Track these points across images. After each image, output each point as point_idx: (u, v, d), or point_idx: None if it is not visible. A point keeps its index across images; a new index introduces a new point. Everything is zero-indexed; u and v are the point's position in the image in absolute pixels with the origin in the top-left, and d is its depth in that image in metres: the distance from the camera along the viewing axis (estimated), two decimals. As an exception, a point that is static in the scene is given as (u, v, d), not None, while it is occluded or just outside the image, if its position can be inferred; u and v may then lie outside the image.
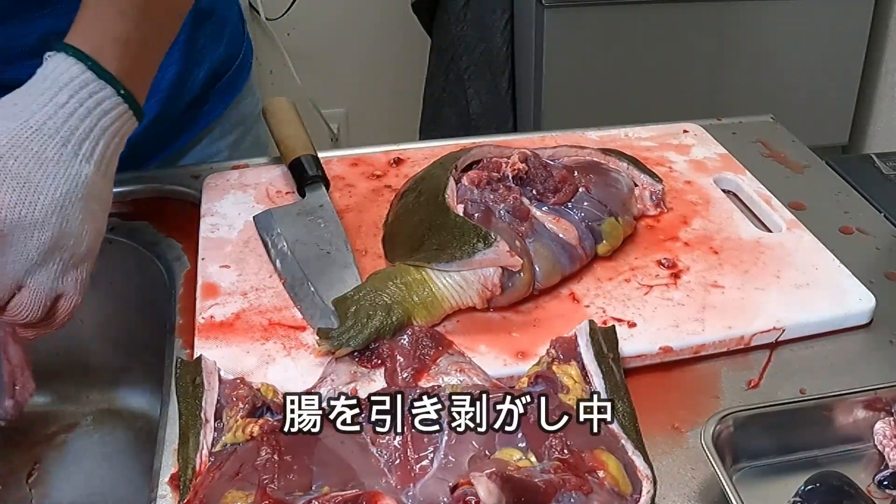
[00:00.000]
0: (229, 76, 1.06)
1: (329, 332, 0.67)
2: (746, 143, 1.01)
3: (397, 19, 2.33)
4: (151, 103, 0.97)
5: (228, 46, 1.05)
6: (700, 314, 0.73)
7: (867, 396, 0.63)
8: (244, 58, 1.09)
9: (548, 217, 0.77)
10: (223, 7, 1.04)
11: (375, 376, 0.65)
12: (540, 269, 0.73)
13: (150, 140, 0.99)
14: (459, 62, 2.09)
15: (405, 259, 0.73)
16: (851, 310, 0.74)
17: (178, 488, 0.58)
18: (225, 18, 1.05)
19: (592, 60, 1.92)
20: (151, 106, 0.97)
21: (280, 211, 0.83)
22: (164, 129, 1.00)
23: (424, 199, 0.78)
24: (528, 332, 0.71)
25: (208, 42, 1.01)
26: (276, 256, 0.78)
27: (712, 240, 0.82)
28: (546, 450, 0.56)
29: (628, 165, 0.86)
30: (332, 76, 2.43)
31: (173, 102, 0.99)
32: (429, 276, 0.70)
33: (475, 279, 0.70)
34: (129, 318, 0.88)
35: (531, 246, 0.74)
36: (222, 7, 1.04)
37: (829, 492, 0.58)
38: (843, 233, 0.86)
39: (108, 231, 0.86)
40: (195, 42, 0.99)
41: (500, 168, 0.80)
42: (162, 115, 0.98)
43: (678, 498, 0.60)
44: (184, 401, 0.62)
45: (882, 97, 2.04)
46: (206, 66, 1.02)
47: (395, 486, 0.56)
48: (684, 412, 0.66)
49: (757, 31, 1.94)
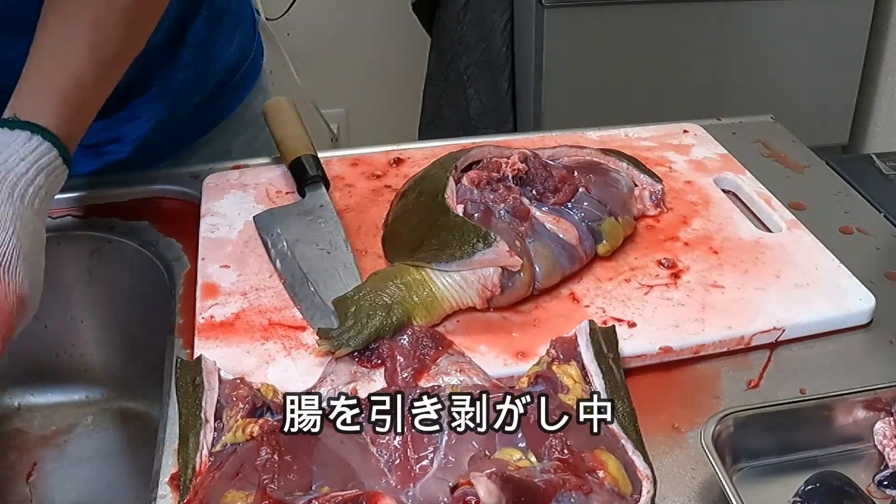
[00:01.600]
0: (240, 75, 1.06)
1: (329, 332, 0.67)
2: (746, 143, 1.01)
3: (397, 19, 2.33)
4: (160, 105, 0.97)
5: (240, 45, 1.05)
6: (700, 314, 0.73)
7: (867, 396, 0.63)
8: (255, 56, 1.09)
9: (548, 217, 0.77)
10: (237, 5, 1.04)
11: (375, 376, 0.65)
12: (540, 269, 0.73)
13: (161, 140, 0.99)
14: (459, 62, 2.09)
15: (405, 259, 0.73)
16: (851, 310, 0.74)
17: (178, 488, 0.58)
18: (238, 17, 1.04)
19: (592, 60, 1.92)
20: (161, 108, 0.97)
21: (280, 211, 0.83)
22: (175, 130, 1.00)
23: (424, 200, 0.78)
24: (528, 332, 0.71)
25: (220, 42, 1.01)
26: (277, 256, 0.78)
27: (712, 240, 0.82)
28: (546, 450, 0.56)
29: (628, 165, 0.86)
30: (332, 76, 2.43)
31: (185, 103, 0.99)
32: (429, 276, 0.70)
33: (475, 279, 0.70)
34: (129, 318, 0.88)
35: (531, 246, 0.74)
36: (236, 5, 1.04)
37: (829, 492, 0.58)
38: (843, 233, 0.86)
39: (107, 231, 0.86)
40: (207, 43, 0.99)
41: (500, 168, 0.80)
42: (171, 117, 0.98)
43: (678, 498, 0.60)
44: (184, 401, 0.62)
45: (882, 97, 2.04)
46: (218, 66, 1.02)
47: (395, 486, 0.56)
48: (684, 412, 0.66)
49: (757, 31, 1.94)
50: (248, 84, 1.08)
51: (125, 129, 0.97)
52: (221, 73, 1.03)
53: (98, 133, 0.95)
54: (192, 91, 1.00)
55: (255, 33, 1.09)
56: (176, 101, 0.98)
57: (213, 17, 0.99)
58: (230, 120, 1.06)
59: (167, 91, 0.97)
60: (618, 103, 1.94)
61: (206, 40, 0.99)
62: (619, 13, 1.88)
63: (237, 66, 1.05)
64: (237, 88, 1.06)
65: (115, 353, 0.90)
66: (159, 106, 0.97)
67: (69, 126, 0.72)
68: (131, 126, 0.97)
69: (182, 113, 1.00)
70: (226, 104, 1.05)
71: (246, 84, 1.08)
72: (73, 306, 0.88)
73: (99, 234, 0.86)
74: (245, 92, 1.08)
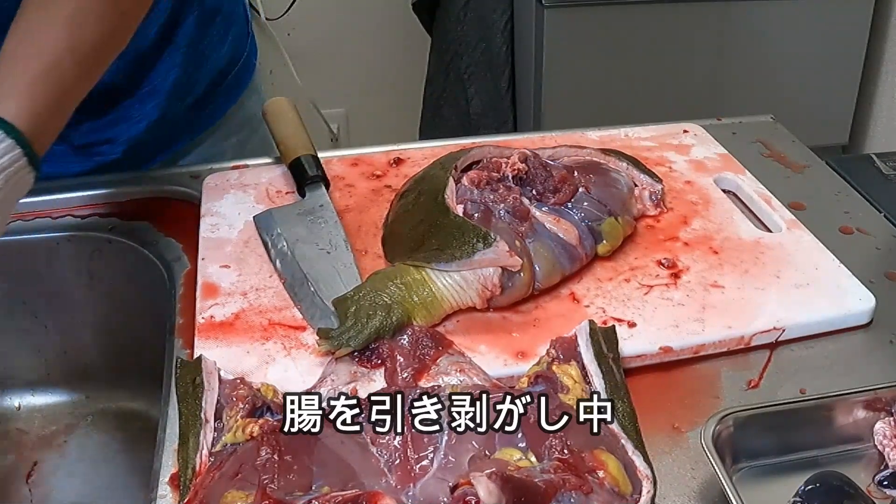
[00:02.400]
0: (233, 76, 1.05)
1: (329, 332, 0.67)
2: (746, 143, 1.01)
3: (397, 19, 2.33)
4: (151, 106, 0.96)
5: (233, 46, 1.04)
6: (700, 314, 0.73)
7: (867, 396, 0.63)
8: (248, 57, 1.08)
9: (548, 217, 0.77)
10: (229, 5, 1.03)
11: (375, 376, 0.65)
12: (540, 269, 0.73)
13: (152, 141, 0.99)
14: (459, 62, 2.09)
15: (405, 259, 0.73)
16: (851, 310, 0.74)
17: (178, 488, 0.58)
18: (231, 17, 1.03)
19: (592, 60, 1.92)
20: (152, 109, 0.97)
21: (280, 211, 0.83)
22: (165, 131, 1.00)
23: (424, 200, 0.78)
24: (528, 332, 0.71)
25: (212, 42, 1.00)
26: (277, 256, 0.78)
27: (712, 240, 0.82)
28: (546, 450, 0.56)
29: (628, 165, 0.86)
30: (332, 76, 2.43)
31: (175, 105, 0.99)
32: (429, 276, 0.70)
33: (475, 279, 0.70)
34: (129, 318, 0.88)
35: (531, 246, 0.74)
36: (228, 5, 1.03)
37: (829, 492, 0.58)
38: (843, 233, 0.86)
39: (107, 231, 0.86)
40: (199, 44, 0.99)
41: (500, 168, 0.80)
42: (163, 118, 0.98)
43: (678, 498, 0.60)
44: (184, 401, 0.62)
45: (882, 97, 2.04)
46: (209, 67, 1.01)
47: (395, 486, 0.56)
48: (684, 412, 0.66)
49: (757, 31, 1.94)
50: (242, 84, 1.07)
51: (117, 130, 0.97)
52: (214, 74, 1.02)
53: (89, 134, 0.95)
54: (184, 92, 0.99)
55: (248, 34, 1.09)
56: (167, 102, 0.98)
57: (204, 18, 0.98)
58: (223, 120, 1.06)
59: (158, 92, 0.96)
60: (618, 103, 1.94)
61: (198, 41, 0.98)
62: (619, 13, 1.88)
63: (230, 67, 1.04)
64: (230, 89, 1.05)
65: (115, 354, 0.90)
66: (151, 107, 0.97)
67: (39, 123, 0.65)
68: (123, 126, 0.97)
69: (174, 114, 0.99)
70: (219, 105, 1.05)
71: (239, 84, 1.07)
72: (73, 306, 0.88)
73: (99, 234, 0.86)
74: (238, 92, 1.07)
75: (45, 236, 0.86)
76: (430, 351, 0.66)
